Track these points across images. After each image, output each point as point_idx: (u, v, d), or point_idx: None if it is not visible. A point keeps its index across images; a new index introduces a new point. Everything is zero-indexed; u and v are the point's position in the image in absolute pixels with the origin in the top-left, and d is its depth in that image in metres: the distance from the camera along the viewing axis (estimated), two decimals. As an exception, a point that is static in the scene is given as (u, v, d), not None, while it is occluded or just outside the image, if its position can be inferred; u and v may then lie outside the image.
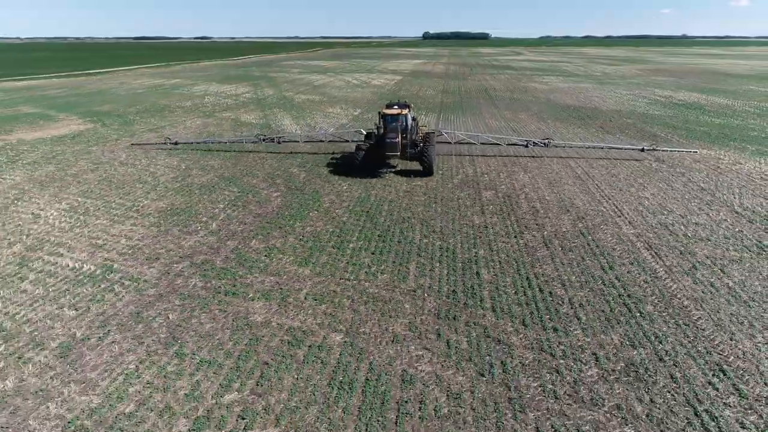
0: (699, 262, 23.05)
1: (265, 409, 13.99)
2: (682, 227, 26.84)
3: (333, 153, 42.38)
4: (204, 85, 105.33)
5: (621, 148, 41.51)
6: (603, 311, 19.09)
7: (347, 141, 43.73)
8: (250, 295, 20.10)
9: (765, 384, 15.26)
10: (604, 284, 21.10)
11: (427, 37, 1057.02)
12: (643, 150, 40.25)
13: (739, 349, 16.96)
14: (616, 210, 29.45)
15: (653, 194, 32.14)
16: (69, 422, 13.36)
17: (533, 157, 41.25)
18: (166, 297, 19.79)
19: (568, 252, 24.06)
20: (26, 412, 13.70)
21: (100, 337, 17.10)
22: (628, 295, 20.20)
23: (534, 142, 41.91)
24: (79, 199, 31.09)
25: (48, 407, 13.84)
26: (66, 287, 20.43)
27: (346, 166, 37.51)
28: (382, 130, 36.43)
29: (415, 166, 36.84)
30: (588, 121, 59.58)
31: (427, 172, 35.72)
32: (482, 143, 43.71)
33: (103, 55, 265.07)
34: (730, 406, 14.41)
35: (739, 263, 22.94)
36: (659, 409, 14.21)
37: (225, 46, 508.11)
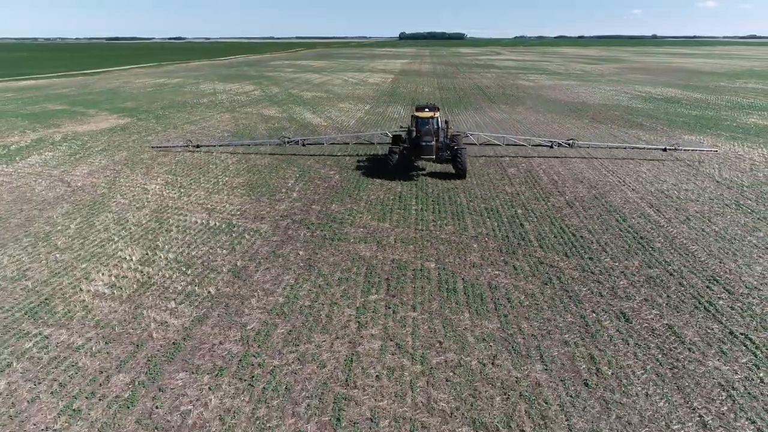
0: (691, 215, 29.48)
1: (401, 303, 19.88)
2: (675, 192, 33.37)
3: (358, 155, 47.57)
4: (208, 84, 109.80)
5: (644, 148, 42.84)
6: (623, 247, 25.30)
7: (372, 143, 44.56)
8: (351, 240, 25.89)
9: (746, 287, 21.53)
10: (621, 230, 27.33)
11: (404, 38, 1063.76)
12: (665, 150, 41.07)
13: (727, 268, 23.28)
14: (620, 181, 35.87)
15: (648, 169, 38.68)
16: (271, 309, 19.10)
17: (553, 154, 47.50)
18: (288, 242, 25.51)
19: (588, 210, 30.32)
20: (237, 306, 19.40)
21: (255, 266, 22.79)
22: (641, 237, 26.46)
23: (559, 143, 42.02)
24: (169, 177, 36.48)
25: (251, 302, 19.57)
26: (206, 236, 26.04)
27: (378, 169, 38.21)
28: (414, 133, 36.82)
29: (443, 168, 37.67)
30: (579, 113, 66.34)
31: (460, 174, 35.76)
32: (507, 144, 44.32)
33: (86, 56, 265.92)
34: (722, 299, 20.65)
35: (722, 216, 29.44)
36: (674, 300, 20.41)
37: (202, 46, 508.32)
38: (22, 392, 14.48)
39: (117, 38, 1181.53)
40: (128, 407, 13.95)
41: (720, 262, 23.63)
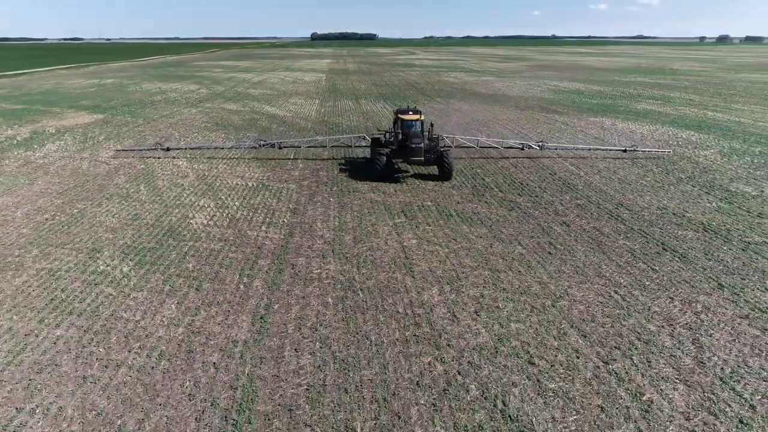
0: (600, 169, 40.47)
1: (418, 223, 28.83)
2: (588, 154, 44.52)
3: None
4: (149, 83, 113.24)
5: (607, 149, 45.32)
6: (557, 189, 35.57)
7: (350, 146, 44.88)
8: (363, 191, 34.57)
9: (639, 207, 32.15)
10: (553, 180, 37.68)
11: (316, 38, 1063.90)
12: (625, 151, 44.13)
13: (627, 198, 34.01)
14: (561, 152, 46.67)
15: (567, 140, 49.89)
16: (333, 228, 27.56)
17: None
18: (317, 194, 33.83)
19: (528, 168, 40.61)
20: (308, 227, 27.70)
21: (303, 207, 31.05)
22: (568, 183, 36.88)
23: (529, 146, 43.56)
24: (187, 154, 43.51)
25: (317, 225, 27.94)
26: (252, 192, 33.91)
27: (361, 172, 38.85)
28: (400, 135, 36.98)
29: (424, 170, 38.94)
30: (504, 103, 77.97)
31: (446, 176, 36.60)
32: (481, 147, 44.88)
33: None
34: (625, 213, 31.10)
35: (622, 168, 40.61)
36: (595, 215, 30.66)
37: (105, 47, 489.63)
38: (205, 269, 22.41)
39: (5, 39, 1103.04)
40: (279, 272, 22.22)
41: (622, 195, 34.35)
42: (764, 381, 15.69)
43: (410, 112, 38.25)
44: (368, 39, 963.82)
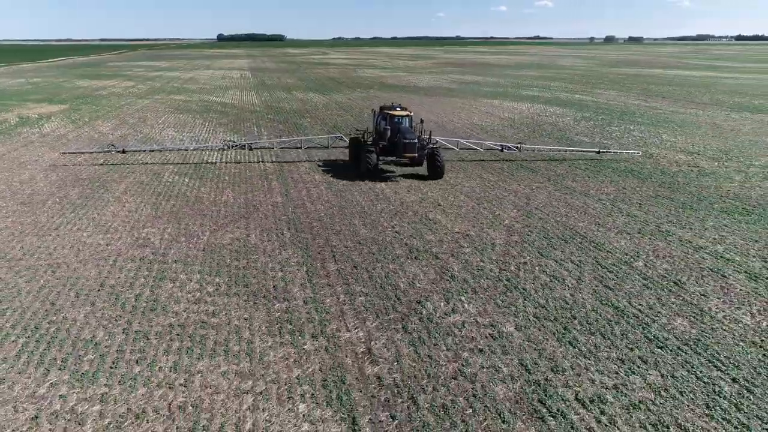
0: (495, 130, 56.21)
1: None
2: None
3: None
4: (81, 81, 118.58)
5: (580, 151, 46.44)
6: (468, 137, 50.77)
7: (327, 147, 44.61)
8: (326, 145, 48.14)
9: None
10: (465, 132, 52.92)
11: (222, 39, 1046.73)
12: (598, 152, 45.18)
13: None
14: (449, 120, 61.98)
15: (466, 113, 65.63)
16: (310, 164, 41.13)
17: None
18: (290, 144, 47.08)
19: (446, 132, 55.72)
20: (293, 163, 41.08)
21: (282, 152, 44.26)
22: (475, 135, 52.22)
23: (508, 147, 44.40)
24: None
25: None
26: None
27: (342, 172, 38.44)
28: (389, 132, 36.24)
29: (410, 170, 38.66)
30: (416, 92, 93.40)
31: (438, 175, 36.39)
32: (461, 148, 45.46)
33: None
34: (501, 154, 46.75)
35: (508, 128, 56.54)
36: (483, 155, 46.01)
37: None
38: (237, 179, 35.20)
39: None
40: (285, 179, 35.33)
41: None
42: (555, 209, 30.93)
43: (398, 108, 37.52)
44: (276, 40, 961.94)
